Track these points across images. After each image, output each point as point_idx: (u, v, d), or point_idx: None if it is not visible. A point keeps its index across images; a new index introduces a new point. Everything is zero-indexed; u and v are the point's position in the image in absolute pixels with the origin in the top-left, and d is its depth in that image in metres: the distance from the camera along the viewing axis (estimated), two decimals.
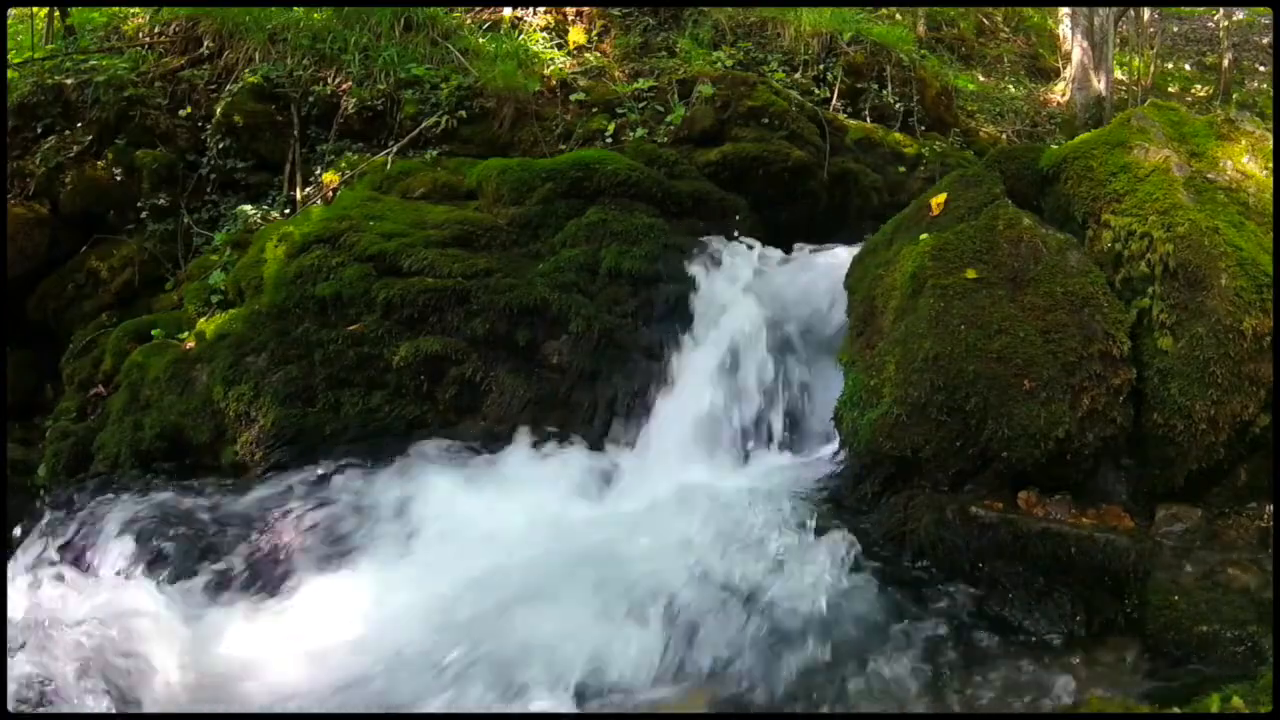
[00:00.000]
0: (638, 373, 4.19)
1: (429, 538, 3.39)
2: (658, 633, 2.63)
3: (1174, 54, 11.46)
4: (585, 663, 2.54)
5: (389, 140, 5.53)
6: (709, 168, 5.11)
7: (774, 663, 2.54)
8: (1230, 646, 2.46)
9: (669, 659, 2.58)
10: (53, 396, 5.10)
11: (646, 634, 2.63)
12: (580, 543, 3.16)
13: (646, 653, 2.58)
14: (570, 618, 2.72)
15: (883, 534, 3.00)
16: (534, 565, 3.05)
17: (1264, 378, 2.89)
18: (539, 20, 6.69)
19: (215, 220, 5.42)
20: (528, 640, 2.66)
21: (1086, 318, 3.06)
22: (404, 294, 4.12)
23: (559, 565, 3.01)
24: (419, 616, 2.88)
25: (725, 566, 2.85)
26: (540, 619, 2.75)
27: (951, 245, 3.31)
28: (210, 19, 5.99)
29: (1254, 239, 3.03)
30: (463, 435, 3.98)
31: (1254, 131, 3.39)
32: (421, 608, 2.93)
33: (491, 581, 2.98)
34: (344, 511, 3.55)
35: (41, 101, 5.61)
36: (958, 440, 3.00)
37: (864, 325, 3.53)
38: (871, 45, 6.64)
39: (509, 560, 3.10)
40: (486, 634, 2.70)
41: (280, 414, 3.96)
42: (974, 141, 6.95)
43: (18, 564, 3.41)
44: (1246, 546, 2.80)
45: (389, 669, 2.67)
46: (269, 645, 2.88)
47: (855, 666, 2.53)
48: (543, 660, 2.56)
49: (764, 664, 2.55)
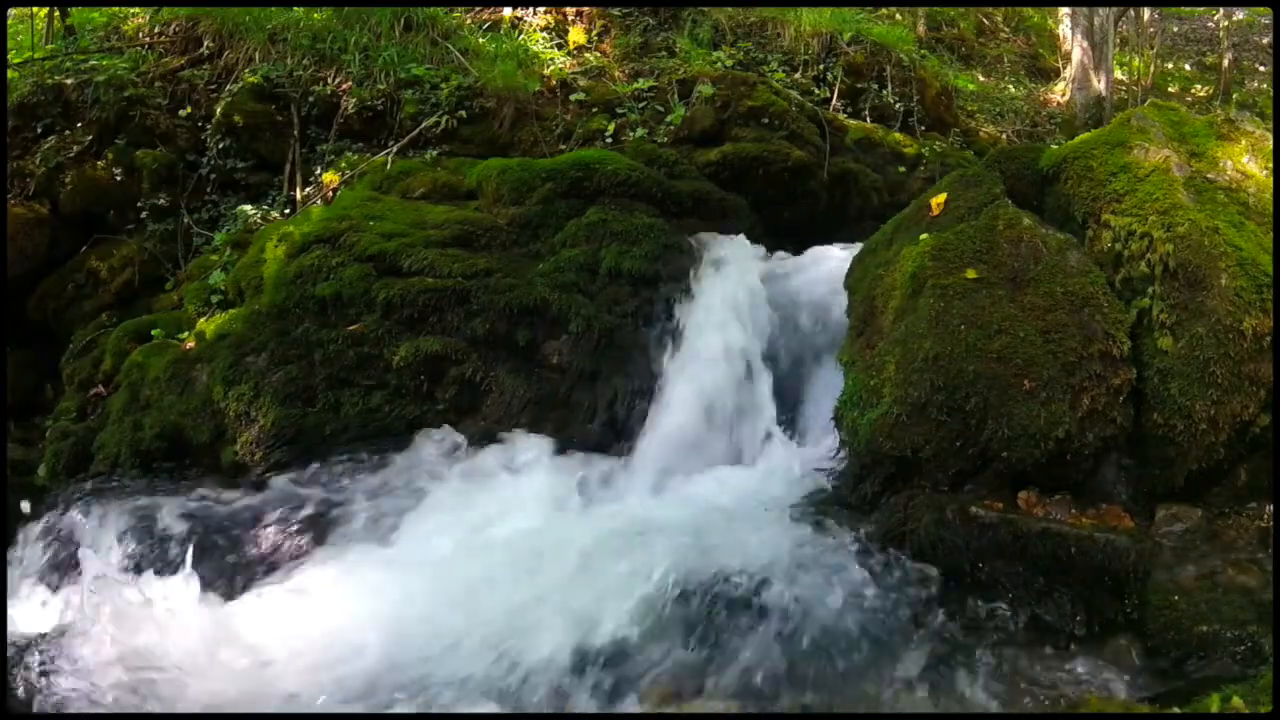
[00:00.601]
0: (638, 373, 4.19)
1: (428, 538, 3.39)
2: (655, 628, 2.64)
3: (1174, 54, 11.46)
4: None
5: (389, 140, 5.53)
6: (709, 168, 5.11)
7: (771, 662, 2.54)
8: (1230, 646, 2.45)
9: (666, 655, 2.58)
10: (53, 396, 5.10)
11: (643, 628, 2.64)
12: (578, 541, 3.15)
13: (644, 652, 2.59)
14: (564, 610, 2.73)
15: (883, 534, 3.00)
16: (533, 562, 3.05)
17: (1264, 378, 2.89)
18: (539, 20, 6.69)
19: (215, 220, 5.42)
20: (524, 621, 2.67)
21: (1086, 318, 3.06)
22: (404, 294, 4.12)
23: (557, 562, 3.01)
24: (418, 613, 2.89)
25: (723, 565, 2.84)
26: (534, 606, 2.76)
27: (951, 245, 3.31)
28: (210, 19, 5.99)
29: (1254, 239, 3.03)
30: (462, 435, 3.98)
31: (1254, 131, 3.39)
32: (422, 603, 2.93)
33: (492, 579, 2.99)
34: (344, 511, 3.56)
35: (41, 101, 5.61)
36: (958, 440, 3.00)
37: (864, 325, 3.53)
38: (871, 45, 6.64)
39: (509, 560, 3.10)
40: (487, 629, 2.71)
41: (280, 414, 3.96)
42: (974, 141, 6.95)
43: (18, 564, 3.42)
44: (1246, 546, 2.79)
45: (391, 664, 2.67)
46: (270, 643, 2.88)
47: (854, 666, 2.53)
48: (534, 641, 2.58)
49: (761, 663, 2.54)
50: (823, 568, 2.82)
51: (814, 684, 2.49)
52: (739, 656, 2.56)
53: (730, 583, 2.78)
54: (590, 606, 2.73)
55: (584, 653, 2.59)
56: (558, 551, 3.09)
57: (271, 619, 3.03)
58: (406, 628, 2.83)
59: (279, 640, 2.88)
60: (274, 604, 3.13)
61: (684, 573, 2.82)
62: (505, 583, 2.97)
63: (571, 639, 2.63)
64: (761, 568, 2.82)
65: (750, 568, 2.83)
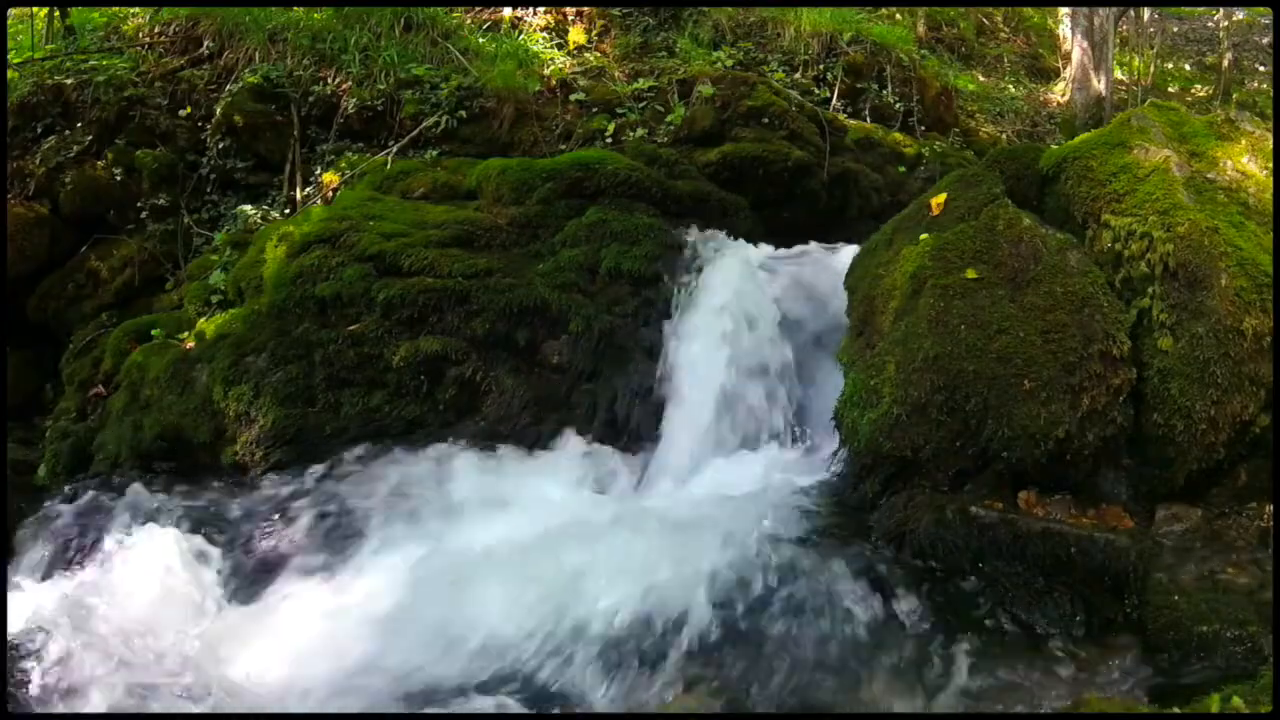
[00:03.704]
0: (638, 373, 4.19)
1: (426, 536, 3.39)
2: (655, 624, 2.64)
3: (1174, 54, 11.46)
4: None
5: (389, 140, 5.54)
6: (709, 168, 5.11)
7: (771, 662, 2.54)
8: (1230, 646, 2.45)
9: (665, 652, 2.58)
10: (53, 396, 5.10)
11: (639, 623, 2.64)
12: (577, 540, 3.15)
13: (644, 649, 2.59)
14: (563, 608, 2.73)
15: (883, 533, 3.00)
16: (532, 560, 3.05)
17: (1264, 378, 2.89)
18: (539, 20, 6.69)
19: (215, 220, 5.43)
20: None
21: (1086, 318, 3.06)
22: (404, 294, 4.12)
23: (558, 560, 3.01)
24: (417, 614, 2.89)
25: (722, 565, 2.84)
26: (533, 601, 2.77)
27: (951, 245, 3.31)
28: (210, 19, 5.99)
29: (1254, 239, 3.03)
30: (462, 435, 3.98)
31: (1254, 131, 3.39)
32: (418, 603, 2.93)
33: (492, 577, 2.99)
34: (343, 510, 3.56)
35: (41, 101, 5.61)
36: (958, 440, 3.00)
37: (864, 325, 3.53)
38: (871, 45, 6.64)
39: (507, 557, 3.10)
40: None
41: (280, 414, 3.96)
42: (974, 141, 6.95)
43: (18, 564, 3.42)
44: (1246, 546, 2.79)
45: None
46: (272, 641, 2.88)
47: (854, 666, 2.53)
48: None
49: (761, 663, 2.54)
50: (823, 567, 2.81)
51: (810, 683, 2.49)
52: (732, 653, 2.56)
53: (726, 581, 2.78)
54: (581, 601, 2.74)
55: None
56: (556, 548, 3.09)
57: (273, 617, 3.03)
58: (404, 621, 2.83)
59: (279, 637, 2.88)
60: (274, 602, 3.13)
61: (680, 570, 2.82)
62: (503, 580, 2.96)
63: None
64: (758, 567, 2.82)
65: (747, 567, 2.83)
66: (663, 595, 2.73)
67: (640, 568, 2.84)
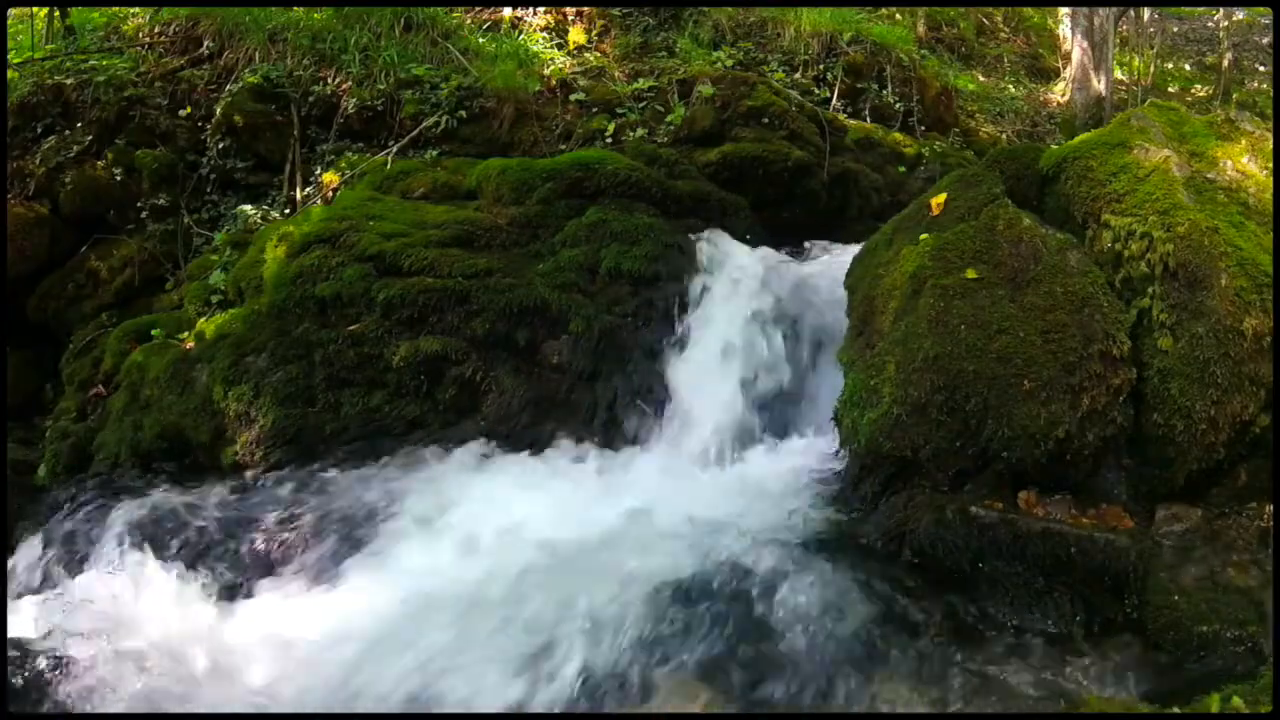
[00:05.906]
0: (638, 373, 4.19)
1: (425, 536, 3.39)
2: (655, 623, 2.64)
3: (1174, 54, 11.46)
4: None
5: (389, 140, 5.54)
6: (709, 168, 5.11)
7: (771, 661, 2.54)
8: (1230, 646, 2.45)
9: (664, 651, 2.58)
10: (53, 396, 5.10)
11: (643, 624, 2.64)
12: (577, 539, 3.15)
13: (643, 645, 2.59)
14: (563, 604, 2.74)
15: (883, 533, 3.00)
16: (532, 560, 3.05)
17: (1264, 378, 2.88)
18: (539, 20, 6.70)
19: (215, 220, 5.43)
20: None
21: (1086, 318, 3.06)
22: (404, 294, 4.12)
23: (559, 559, 3.01)
24: (418, 611, 2.89)
25: (722, 565, 2.84)
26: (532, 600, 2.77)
27: (951, 245, 3.31)
28: (210, 19, 5.99)
29: (1254, 239, 3.03)
30: (462, 435, 3.98)
31: (1254, 131, 3.39)
32: (421, 601, 2.93)
33: (492, 577, 2.99)
34: (344, 510, 3.56)
35: (41, 101, 5.61)
36: (958, 440, 3.00)
37: (864, 325, 3.53)
38: (871, 45, 6.65)
39: (507, 557, 3.10)
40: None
41: (280, 414, 3.96)
42: (974, 141, 6.95)
43: (18, 564, 3.42)
44: (1246, 546, 2.79)
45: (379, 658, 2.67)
46: (272, 641, 2.88)
47: (855, 666, 2.53)
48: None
49: (761, 662, 2.54)
50: (821, 568, 2.81)
51: (811, 683, 2.49)
52: (734, 653, 2.56)
53: (726, 582, 2.78)
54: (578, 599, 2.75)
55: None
56: (558, 548, 3.10)
57: (272, 616, 3.03)
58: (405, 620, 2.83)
59: (278, 636, 2.88)
60: (274, 601, 3.13)
61: (679, 570, 2.83)
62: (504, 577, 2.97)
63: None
64: (758, 567, 2.82)
65: (747, 567, 2.83)
66: (659, 596, 2.73)
67: (637, 570, 2.84)
